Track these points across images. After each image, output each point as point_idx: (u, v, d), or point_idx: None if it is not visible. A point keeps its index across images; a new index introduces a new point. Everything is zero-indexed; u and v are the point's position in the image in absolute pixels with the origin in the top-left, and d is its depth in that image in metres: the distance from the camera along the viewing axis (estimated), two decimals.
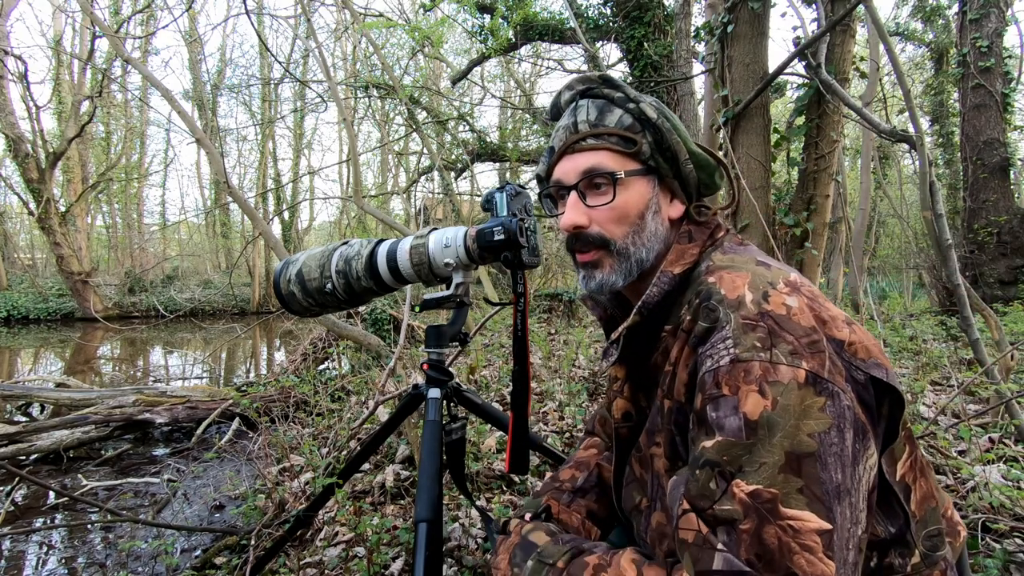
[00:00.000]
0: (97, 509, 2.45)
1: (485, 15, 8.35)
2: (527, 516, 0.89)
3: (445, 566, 1.49)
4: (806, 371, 0.57)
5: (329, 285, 1.04)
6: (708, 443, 0.59)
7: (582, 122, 0.77)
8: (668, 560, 0.65)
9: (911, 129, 2.06)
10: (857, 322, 0.65)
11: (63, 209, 12.18)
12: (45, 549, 2.26)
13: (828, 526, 0.53)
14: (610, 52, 10.24)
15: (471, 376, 3.21)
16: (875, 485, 0.60)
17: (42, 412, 3.98)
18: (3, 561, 2.16)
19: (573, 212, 0.76)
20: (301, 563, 1.61)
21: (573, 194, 0.77)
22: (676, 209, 0.80)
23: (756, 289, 0.63)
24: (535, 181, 0.89)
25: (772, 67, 2.83)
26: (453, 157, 10.88)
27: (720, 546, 0.55)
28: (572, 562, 0.70)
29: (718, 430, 0.58)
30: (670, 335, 0.72)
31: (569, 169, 0.78)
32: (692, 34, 6.16)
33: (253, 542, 1.69)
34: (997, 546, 1.28)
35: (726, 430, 0.58)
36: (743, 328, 0.60)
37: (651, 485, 0.74)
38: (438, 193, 12.86)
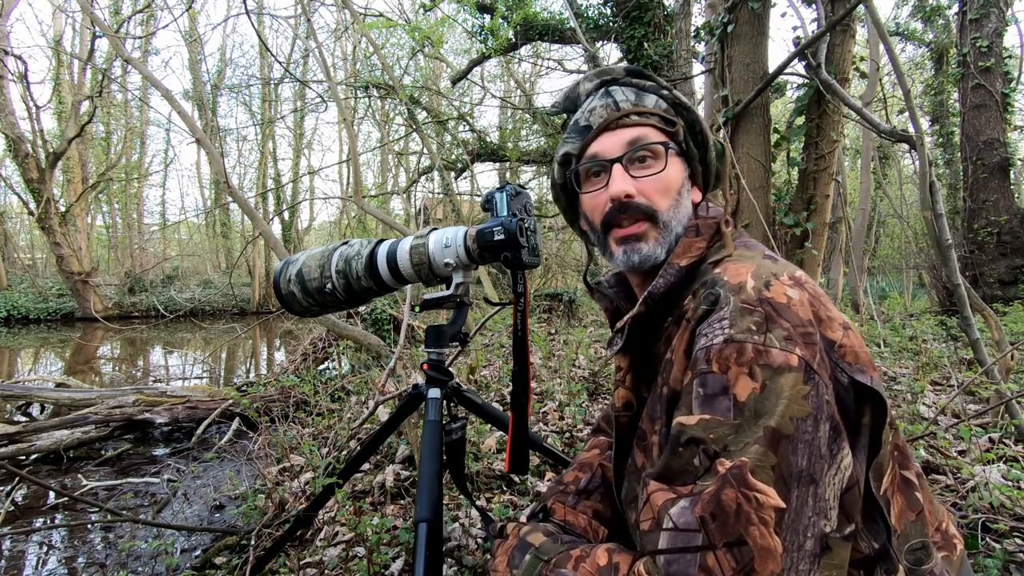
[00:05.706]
0: (97, 509, 2.45)
1: (485, 15, 8.35)
2: (523, 518, 0.89)
3: (445, 566, 1.49)
4: (799, 356, 0.59)
5: (329, 285, 1.04)
6: (692, 420, 0.60)
7: (623, 101, 0.78)
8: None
9: (911, 129, 2.06)
10: (854, 328, 0.66)
11: (63, 209, 12.17)
12: (45, 549, 2.26)
13: (783, 505, 0.54)
14: (610, 52, 10.26)
15: (471, 376, 3.21)
16: (850, 486, 0.60)
17: (42, 412, 3.98)
18: (3, 561, 2.16)
19: (622, 181, 0.76)
20: (301, 563, 1.61)
21: (618, 166, 0.77)
22: (695, 195, 0.82)
23: (759, 277, 0.65)
24: (560, 161, 0.85)
25: (772, 67, 2.83)
26: (453, 157, 10.89)
27: (675, 509, 0.57)
28: (560, 555, 0.72)
29: (704, 407, 0.59)
30: (673, 324, 0.73)
31: (612, 143, 0.78)
32: (692, 34, 6.15)
33: (253, 542, 1.69)
34: (997, 546, 1.28)
35: (714, 408, 0.59)
36: (740, 311, 0.62)
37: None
38: (438, 193, 12.86)
